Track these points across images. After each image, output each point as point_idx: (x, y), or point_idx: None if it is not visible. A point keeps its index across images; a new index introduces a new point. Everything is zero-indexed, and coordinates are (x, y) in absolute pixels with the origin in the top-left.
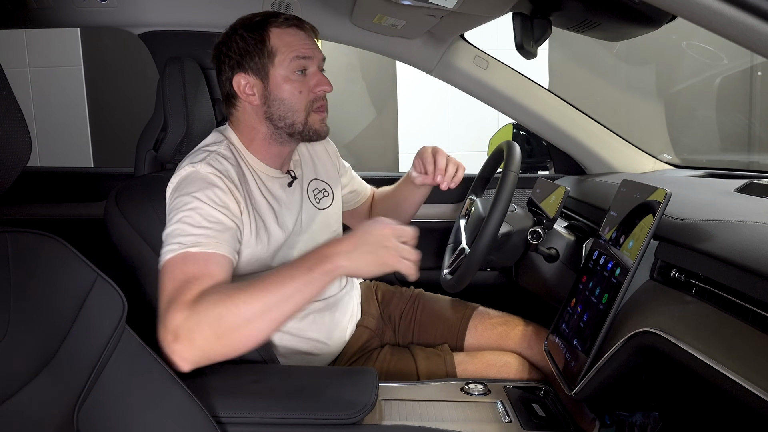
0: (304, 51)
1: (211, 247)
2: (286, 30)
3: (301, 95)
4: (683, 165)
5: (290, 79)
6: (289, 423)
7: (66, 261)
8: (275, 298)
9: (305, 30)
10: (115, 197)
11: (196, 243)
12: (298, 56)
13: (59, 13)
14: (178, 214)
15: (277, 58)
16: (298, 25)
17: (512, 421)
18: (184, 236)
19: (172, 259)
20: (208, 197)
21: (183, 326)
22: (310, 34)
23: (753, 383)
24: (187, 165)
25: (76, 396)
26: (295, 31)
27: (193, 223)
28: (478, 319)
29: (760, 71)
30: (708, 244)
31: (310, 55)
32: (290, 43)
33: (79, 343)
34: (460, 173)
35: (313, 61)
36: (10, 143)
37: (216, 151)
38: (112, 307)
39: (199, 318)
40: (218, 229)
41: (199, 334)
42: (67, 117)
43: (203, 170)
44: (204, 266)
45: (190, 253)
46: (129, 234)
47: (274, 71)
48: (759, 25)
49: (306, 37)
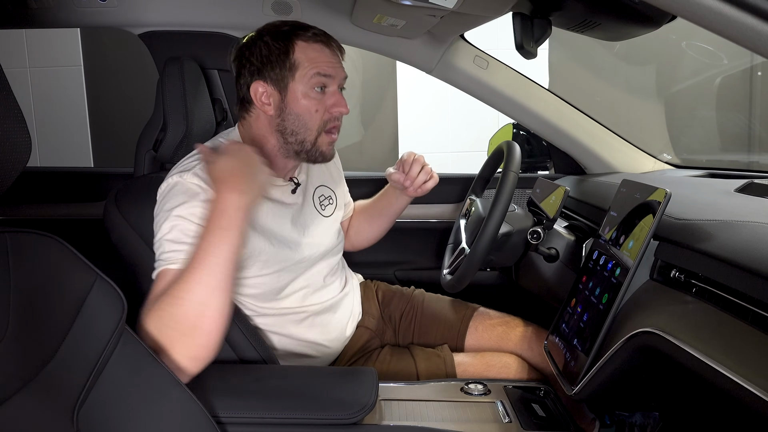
0: (326, 69)
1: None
2: (311, 45)
3: (317, 114)
4: (683, 165)
5: (308, 96)
6: (289, 423)
7: (66, 261)
8: (207, 266)
9: (331, 48)
10: (114, 197)
11: (174, 260)
12: (320, 73)
13: (59, 13)
14: (162, 228)
15: (299, 72)
16: (325, 41)
17: (512, 421)
18: (166, 252)
19: (156, 276)
20: (190, 213)
21: (155, 343)
22: (336, 53)
23: (753, 383)
24: (176, 174)
25: (75, 396)
26: (321, 47)
27: (174, 239)
28: (478, 320)
29: (760, 71)
30: (708, 244)
31: (332, 73)
32: (314, 59)
33: (79, 344)
34: (429, 184)
35: (334, 80)
36: (10, 143)
37: None
38: (112, 308)
39: (159, 329)
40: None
41: (168, 342)
42: (67, 117)
43: (189, 181)
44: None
45: (170, 270)
46: (128, 234)
47: (293, 85)
48: (759, 25)
49: (331, 55)
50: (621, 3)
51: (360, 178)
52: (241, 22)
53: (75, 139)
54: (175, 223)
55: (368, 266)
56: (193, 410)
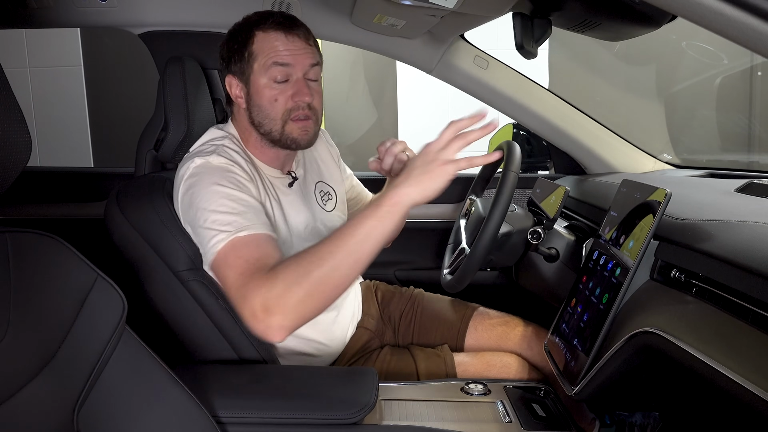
0: (284, 57)
1: (256, 229)
2: (270, 34)
3: (277, 103)
4: (683, 165)
5: (269, 86)
6: (289, 423)
7: (66, 261)
8: (354, 240)
9: (292, 34)
10: (115, 197)
11: (241, 227)
12: (277, 62)
13: (59, 13)
14: (209, 205)
15: (257, 64)
16: (285, 28)
17: (512, 421)
18: (225, 224)
19: (222, 250)
20: (231, 182)
21: (271, 297)
22: (300, 39)
23: (753, 383)
24: (197, 158)
25: (76, 396)
26: (278, 35)
27: (229, 210)
28: (478, 320)
29: (760, 71)
30: (708, 244)
31: (291, 62)
32: (271, 49)
33: (79, 343)
34: (395, 147)
35: (295, 68)
36: (10, 143)
37: (223, 145)
38: (112, 307)
39: (285, 283)
40: (253, 211)
41: (291, 298)
42: (67, 117)
43: (216, 161)
44: (258, 248)
45: (239, 237)
46: (129, 234)
47: (254, 76)
48: (759, 25)
49: (289, 42)
50: (621, 3)
51: (359, 178)
52: None
53: (75, 139)
54: (224, 194)
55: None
56: (193, 410)
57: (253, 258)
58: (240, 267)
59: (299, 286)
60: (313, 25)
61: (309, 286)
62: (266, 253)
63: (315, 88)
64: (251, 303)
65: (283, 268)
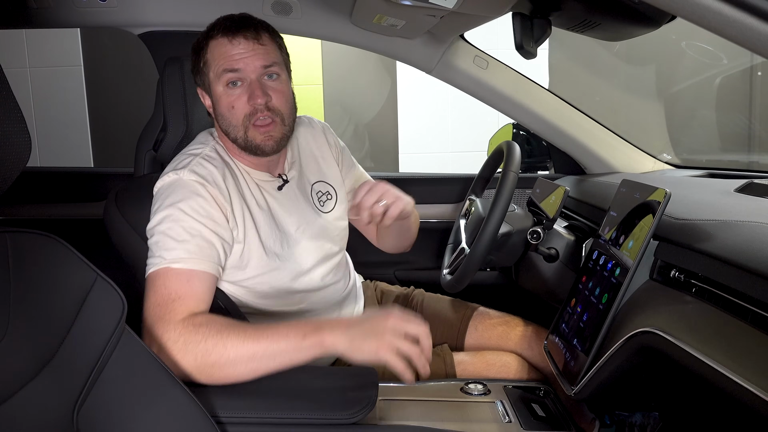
0: (231, 63)
1: (192, 264)
2: (217, 40)
3: (235, 110)
4: (683, 165)
5: (226, 93)
6: (289, 423)
7: (66, 261)
8: (263, 352)
9: (237, 37)
10: (114, 197)
11: (177, 259)
12: (226, 69)
13: (59, 13)
14: (161, 225)
15: (212, 72)
16: (229, 33)
17: (512, 421)
18: (166, 250)
19: (155, 273)
20: (191, 207)
21: (170, 347)
22: (245, 40)
23: (753, 383)
24: (171, 172)
25: (75, 396)
26: (224, 41)
27: (175, 237)
28: (478, 320)
29: (760, 71)
30: (708, 244)
31: (239, 66)
32: (220, 56)
33: (79, 343)
34: (369, 198)
35: (245, 71)
36: (10, 143)
37: (201, 154)
38: (112, 308)
39: (187, 347)
40: (200, 244)
41: (182, 360)
42: (67, 117)
43: (186, 178)
44: (187, 284)
45: (173, 269)
46: (129, 234)
47: (213, 86)
48: (759, 25)
49: (235, 46)
50: (621, 3)
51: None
52: None
53: (75, 139)
54: (177, 219)
55: (368, 266)
56: (193, 410)
57: (177, 293)
58: (161, 296)
59: (194, 357)
60: (313, 25)
61: (203, 363)
62: (193, 292)
63: (275, 87)
64: (154, 337)
65: (195, 331)
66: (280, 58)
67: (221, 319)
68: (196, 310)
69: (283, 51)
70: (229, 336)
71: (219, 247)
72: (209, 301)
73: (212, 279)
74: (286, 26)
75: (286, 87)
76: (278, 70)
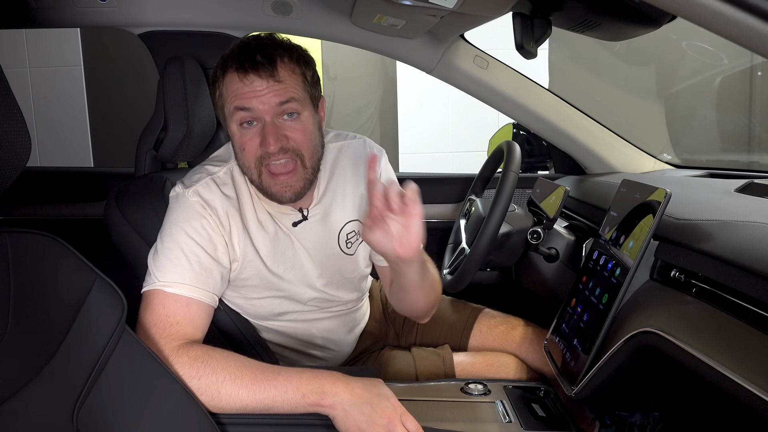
0: (241, 102)
1: (188, 292)
2: (230, 74)
3: (246, 152)
4: (683, 165)
5: (237, 133)
6: (290, 423)
7: (66, 261)
8: (255, 404)
9: (250, 75)
10: (115, 197)
11: (170, 283)
12: (237, 107)
13: (59, 13)
14: (163, 241)
15: (226, 108)
16: (241, 69)
17: (512, 421)
18: (163, 272)
19: (151, 291)
20: (194, 229)
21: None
22: (259, 78)
23: (753, 383)
24: (179, 185)
25: (75, 396)
26: (235, 77)
27: (172, 258)
28: (480, 320)
29: (760, 71)
30: (708, 244)
31: (249, 106)
32: (232, 92)
33: (79, 344)
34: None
35: (258, 110)
36: (10, 143)
37: (214, 175)
38: (112, 308)
39: (178, 374)
40: (198, 270)
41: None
42: (67, 117)
43: (192, 198)
44: (185, 310)
45: (165, 292)
46: (129, 234)
47: (227, 122)
48: (759, 25)
49: (247, 84)
50: (621, 3)
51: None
52: (241, 22)
53: (75, 139)
54: (176, 239)
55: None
56: (193, 410)
57: (173, 317)
58: (158, 317)
59: (198, 379)
60: (314, 25)
61: (192, 389)
62: (190, 318)
63: (293, 127)
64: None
65: (191, 363)
66: (301, 92)
67: (217, 355)
68: (192, 338)
69: (307, 81)
70: (224, 381)
71: (217, 274)
72: (205, 329)
73: (208, 308)
74: (286, 26)
75: (308, 125)
76: (297, 107)
